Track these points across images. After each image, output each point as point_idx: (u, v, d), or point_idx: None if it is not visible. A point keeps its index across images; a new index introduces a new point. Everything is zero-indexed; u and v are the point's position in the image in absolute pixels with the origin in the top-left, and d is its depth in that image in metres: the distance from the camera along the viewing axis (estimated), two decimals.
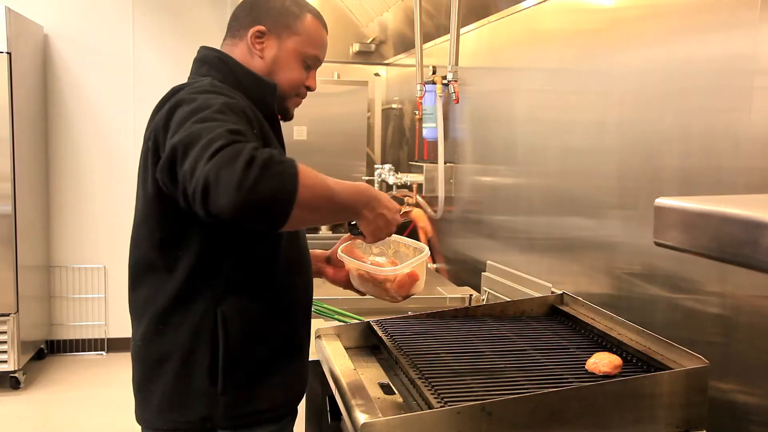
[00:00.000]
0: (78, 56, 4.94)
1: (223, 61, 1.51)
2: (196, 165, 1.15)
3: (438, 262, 3.37)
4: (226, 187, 1.12)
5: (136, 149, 1.55)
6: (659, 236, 0.83)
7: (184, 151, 1.19)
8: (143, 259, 1.46)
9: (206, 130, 1.19)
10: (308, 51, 1.55)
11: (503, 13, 2.64)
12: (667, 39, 1.70)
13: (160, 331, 1.43)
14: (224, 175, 1.12)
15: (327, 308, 2.29)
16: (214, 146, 1.15)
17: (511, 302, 2.00)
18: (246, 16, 1.54)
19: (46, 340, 4.99)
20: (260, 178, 1.13)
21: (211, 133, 1.18)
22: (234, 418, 1.43)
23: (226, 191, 1.12)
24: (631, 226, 1.84)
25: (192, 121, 1.23)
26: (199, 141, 1.17)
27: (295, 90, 1.57)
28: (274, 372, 1.49)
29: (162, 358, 1.43)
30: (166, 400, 1.44)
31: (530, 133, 2.43)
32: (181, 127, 1.24)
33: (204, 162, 1.14)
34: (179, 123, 1.26)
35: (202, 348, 1.41)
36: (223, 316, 1.40)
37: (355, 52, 4.56)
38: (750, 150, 1.42)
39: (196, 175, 1.15)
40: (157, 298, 1.43)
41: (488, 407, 1.26)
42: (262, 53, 1.52)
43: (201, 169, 1.14)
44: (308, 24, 1.54)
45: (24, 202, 4.43)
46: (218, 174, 1.13)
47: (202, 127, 1.21)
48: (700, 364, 1.39)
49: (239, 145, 1.15)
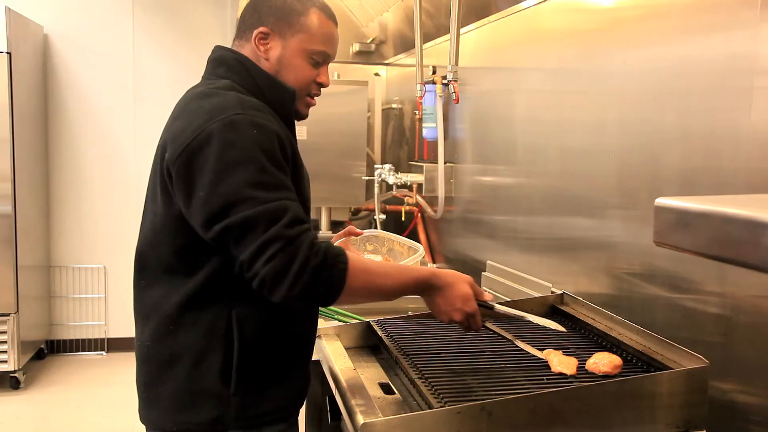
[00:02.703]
0: (78, 56, 4.94)
1: (241, 63, 1.50)
2: (254, 262, 1.29)
3: (438, 262, 3.37)
4: (279, 290, 1.28)
5: (136, 149, 1.55)
6: (659, 236, 0.82)
7: (240, 236, 1.30)
8: (161, 261, 1.45)
9: (261, 219, 1.28)
10: (314, 47, 1.51)
11: (503, 13, 2.64)
12: (667, 39, 1.69)
13: (171, 332, 1.43)
14: (280, 280, 1.28)
15: (327, 308, 2.28)
16: (272, 249, 1.27)
17: (511, 302, 2.00)
18: (250, 17, 1.53)
19: (46, 340, 4.99)
20: (310, 283, 1.29)
21: (267, 229, 1.28)
22: (245, 418, 1.43)
23: (279, 292, 1.28)
24: (631, 226, 1.84)
25: (236, 184, 1.30)
26: (253, 232, 1.28)
27: (305, 89, 1.54)
28: (285, 373, 1.49)
29: (173, 358, 1.43)
30: (177, 401, 1.43)
31: (530, 133, 2.43)
32: (221, 182, 1.31)
33: (262, 263, 1.28)
34: (219, 173, 1.31)
35: (215, 349, 1.40)
36: (238, 318, 1.40)
37: (355, 52, 4.56)
38: (750, 150, 1.42)
39: (254, 270, 1.29)
40: (169, 299, 1.42)
41: (488, 407, 1.26)
42: (267, 54, 1.50)
43: (258, 267, 1.28)
44: (312, 19, 1.51)
45: (24, 202, 4.43)
46: (275, 278, 1.28)
47: (253, 212, 1.29)
48: (700, 364, 1.39)
49: (294, 248, 1.28)
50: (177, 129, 1.39)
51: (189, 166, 1.33)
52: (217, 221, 1.30)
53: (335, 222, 4.09)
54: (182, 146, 1.34)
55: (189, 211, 1.36)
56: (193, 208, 1.34)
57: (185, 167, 1.34)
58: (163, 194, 1.42)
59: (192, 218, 1.36)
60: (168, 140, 1.40)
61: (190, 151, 1.33)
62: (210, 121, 1.34)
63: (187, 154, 1.34)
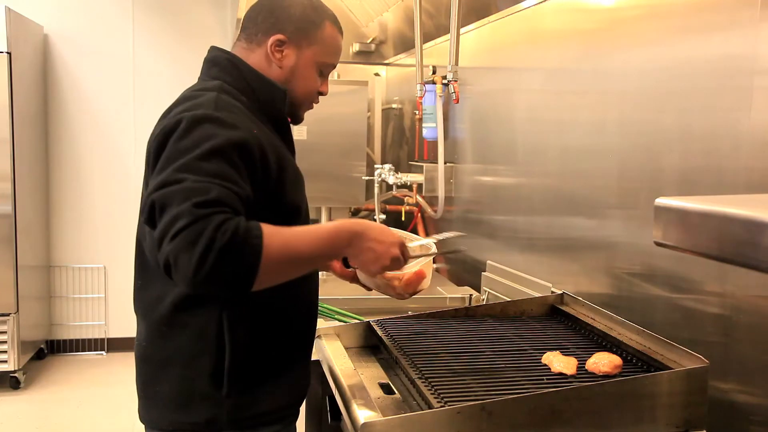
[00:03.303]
0: (78, 56, 4.94)
1: (233, 63, 1.50)
2: (162, 239, 1.19)
3: (438, 262, 3.37)
4: (183, 274, 1.16)
5: (136, 149, 1.56)
6: (659, 236, 0.83)
7: (160, 213, 1.21)
8: (155, 262, 1.44)
9: (178, 196, 1.20)
10: (325, 60, 1.55)
11: (503, 13, 2.64)
12: (667, 39, 1.70)
13: (164, 334, 1.43)
14: (182, 261, 1.16)
15: (327, 308, 2.28)
16: (177, 225, 1.17)
17: (511, 302, 2.00)
18: (264, 21, 1.52)
19: (46, 340, 4.99)
20: (217, 265, 1.15)
21: (180, 205, 1.18)
22: (239, 420, 1.43)
23: (183, 277, 1.17)
24: (631, 226, 1.84)
25: (173, 168, 1.24)
26: (169, 208, 1.19)
27: (309, 98, 1.57)
28: (279, 374, 1.48)
29: (166, 360, 1.43)
30: (172, 401, 1.43)
31: (530, 133, 2.43)
32: (164, 170, 1.25)
33: (168, 241, 1.17)
34: (166, 161, 1.27)
35: (207, 353, 1.40)
36: (229, 321, 1.40)
37: (355, 52, 4.55)
38: (750, 150, 1.42)
39: (162, 250, 1.19)
40: (163, 300, 1.43)
41: (488, 407, 1.26)
42: (281, 62, 1.51)
43: (165, 246, 1.18)
44: (327, 33, 1.53)
45: (24, 202, 4.43)
46: (177, 258, 1.16)
47: (176, 188, 1.21)
48: (700, 364, 1.39)
49: (200, 225, 1.16)
50: (162, 119, 1.41)
51: (154, 154, 1.33)
52: (149, 200, 1.25)
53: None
54: (157, 137, 1.35)
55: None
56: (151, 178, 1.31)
57: (149, 156, 1.35)
58: None
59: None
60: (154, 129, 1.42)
61: (156, 141, 1.33)
62: (179, 115, 1.34)
63: (153, 144, 1.34)
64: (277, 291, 1.46)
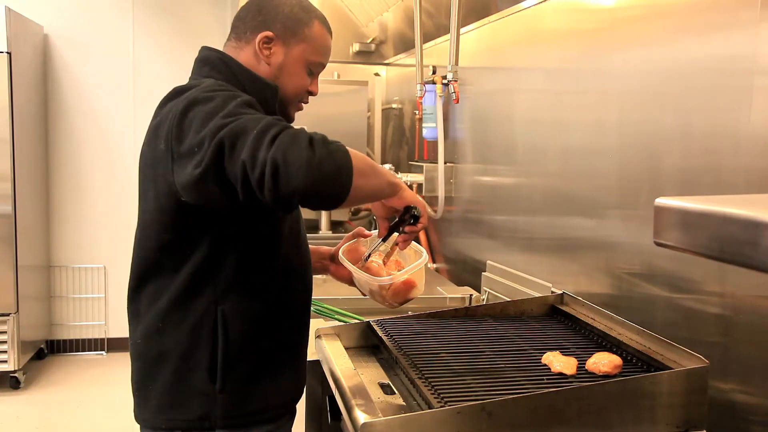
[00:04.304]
0: (78, 56, 4.94)
1: (224, 62, 1.51)
2: (257, 153, 1.17)
3: (438, 262, 3.37)
4: (297, 168, 1.16)
5: (137, 149, 1.55)
6: (659, 236, 0.82)
7: (232, 144, 1.20)
8: (150, 259, 1.45)
9: (250, 122, 1.21)
10: (314, 58, 1.55)
11: (503, 13, 2.64)
12: (667, 39, 1.70)
13: (160, 330, 1.44)
14: (292, 157, 1.16)
15: (327, 308, 2.29)
16: (272, 132, 1.18)
17: (511, 302, 2.00)
18: (252, 19, 1.53)
19: (46, 340, 4.99)
20: (325, 156, 1.19)
21: (259, 123, 1.20)
22: (232, 417, 1.43)
23: (298, 171, 1.16)
24: (631, 226, 1.84)
25: (220, 116, 1.24)
26: (247, 131, 1.20)
27: (298, 96, 1.57)
28: (273, 371, 1.49)
29: (161, 356, 1.44)
30: (165, 399, 1.44)
31: (530, 133, 2.43)
32: (206, 126, 1.24)
33: (265, 148, 1.17)
34: (204, 120, 1.26)
35: (202, 347, 1.41)
36: (223, 316, 1.41)
37: (355, 52, 4.55)
38: (750, 150, 1.42)
39: (259, 161, 1.17)
40: (160, 297, 1.43)
41: (488, 407, 1.26)
42: (269, 59, 1.52)
43: (264, 154, 1.17)
44: (315, 31, 1.54)
45: (24, 202, 4.43)
46: (285, 157, 1.16)
47: (239, 121, 1.22)
48: (700, 364, 1.39)
49: (293, 129, 1.21)
50: (155, 116, 1.41)
51: (179, 125, 1.31)
52: (208, 142, 1.23)
53: (335, 222, 4.08)
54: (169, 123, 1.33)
55: (181, 161, 1.30)
56: (184, 147, 1.29)
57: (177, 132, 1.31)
58: (152, 188, 1.42)
59: (182, 166, 1.29)
60: (149, 130, 1.42)
61: (176, 118, 1.31)
62: (191, 91, 1.36)
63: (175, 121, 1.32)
64: (271, 287, 1.48)
